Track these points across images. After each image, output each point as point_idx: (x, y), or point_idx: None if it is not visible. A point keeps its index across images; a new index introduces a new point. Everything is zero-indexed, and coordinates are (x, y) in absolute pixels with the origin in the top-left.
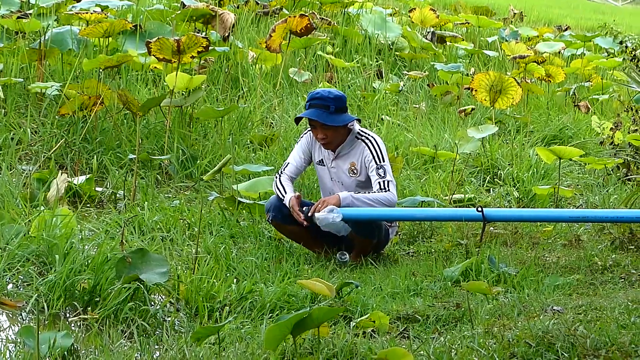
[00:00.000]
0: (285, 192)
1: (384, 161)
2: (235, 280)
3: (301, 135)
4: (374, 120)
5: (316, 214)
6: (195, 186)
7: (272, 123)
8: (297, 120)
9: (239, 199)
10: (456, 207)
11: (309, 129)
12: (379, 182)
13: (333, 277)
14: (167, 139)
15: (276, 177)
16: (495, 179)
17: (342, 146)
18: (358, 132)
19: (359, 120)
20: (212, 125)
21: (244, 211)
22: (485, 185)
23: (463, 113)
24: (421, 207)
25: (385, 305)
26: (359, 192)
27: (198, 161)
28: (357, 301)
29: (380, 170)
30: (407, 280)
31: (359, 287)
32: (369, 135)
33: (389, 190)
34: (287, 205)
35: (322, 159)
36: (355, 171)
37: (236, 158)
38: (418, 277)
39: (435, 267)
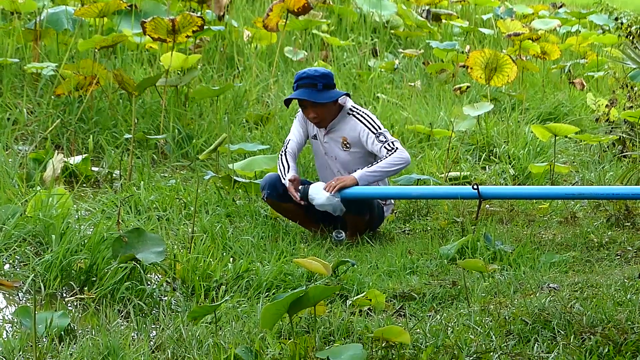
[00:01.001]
0: (287, 172)
1: (380, 129)
2: (231, 259)
3: (298, 112)
4: (369, 98)
5: (314, 196)
6: (191, 165)
7: (267, 102)
8: (287, 102)
9: (234, 178)
10: (452, 185)
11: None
12: (384, 147)
13: (329, 255)
14: (162, 118)
15: (281, 154)
16: (491, 157)
17: (333, 122)
18: (350, 108)
19: (348, 95)
20: (207, 105)
21: (239, 190)
22: (481, 163)
23: (458, 91)
24: (417, 185)
25: (381, 283)
26: (370, 165)
27: (194, 140)
28: (353, 279)
29: (381, 137)
30: (403, 259)
31: (355, 266)
32: (359, 110)
33: (397, 148)
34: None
35: (315, 134)
36: (347, 145)
37: (232, 137)
38: (414, 255)
39: (431, 245)
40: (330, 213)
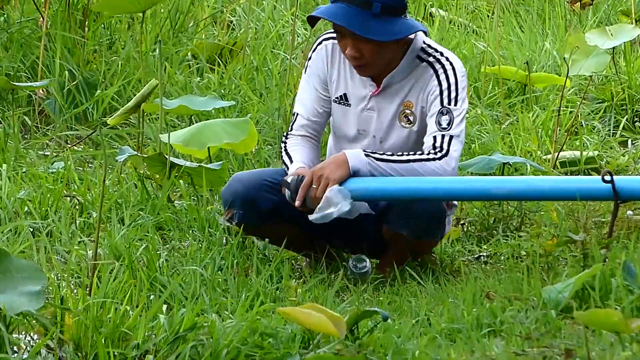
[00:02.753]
0: (291, 163)
1: (455, 103)
2: (165, 306)
3: (310, 58)
4: (417, 16)
5: (310, 216)
6: (93, 136)
7: (232, 23)
8: (312, 21)
9: (171, 159)
10: (564, 174)
11: (323, 36)
12: (434, 137)
13: (343, 301)
14: (42, 51)
15: (282, 144)
16: (638, 124)
17: (394, 73)
18: (421, 49)
19: (425, 33)
20: (123, 27)
21: (180, 182)
22: (619, 135)
23: (577, 4)
24: (502, 174)
25: (437, 352)
26: (388, 154)
27: (98, 91)
28: (386, 346)
29: (445, 117)
30: (476, 307)
31: (388, 320)
32: (442, 54)
33: (446, 154)
34: (289, 185)
35: (345, 94)
36: (410, 117)
37: (167, 86)
38: (496, 302)
39: (527, 283)
40: (344, 220)
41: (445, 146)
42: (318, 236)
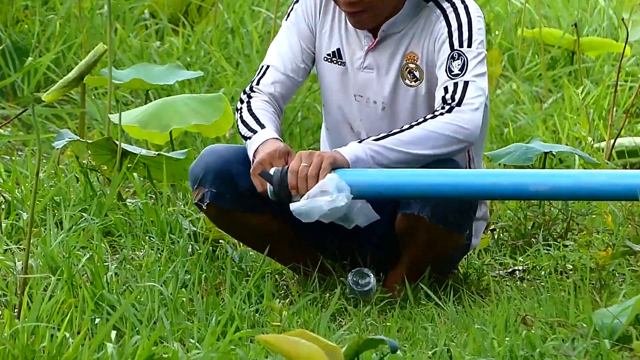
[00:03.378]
0: (261, 129)
1: (469, 44)
2: (115, 333)
3: (293, 7)
4: None
5: (293, 204)
6: (23, 116)
7: None
8: None
9: (123, 145)
10: (624, 167)
11: None
12: (445, 87)
13: (340, 327)
14: None
15: (240, 103)
16: None
17: (393, 19)
18: None
19: None
20: None
21: (134, 175)
22: None
23: None
24: (543, 167)
25: None
26: (388, 134)
27: (30, 59)
28: None
29: (457, 62)
30: (509, 336)
31: (398, 352)
32: None
33: (459, 104)
34: (271, 177)
35: (339, 49)
36: (416, 73)
37: (118, 52)
38: (534, 329)
39: (574, 304)
40: (344, 226)
41: (458, 95)
42: (311, 238)
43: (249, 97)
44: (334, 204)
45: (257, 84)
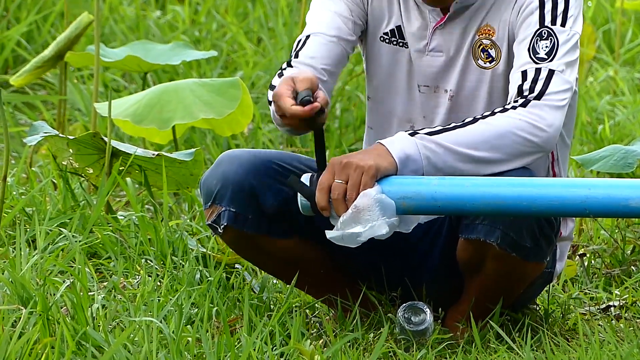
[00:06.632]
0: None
1: (563, 22)
2: None
3: None
4: None
5: (328, 232)
6: None
7: None
8: None
9: (113, 143)
10: None
11: None
12: (523, 72)
13: None
14: None
15: (271, 89)
16: None
17: None
18: None
19: None
20: None
21: (127, 180)
22: None
23: None
24: None
25: None
26: (446, 128)
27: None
28: None
29: (544, 42)
30: None
31: None
32: None
33: (538, 97)
34: (302, 185)
35: (399, 26)
36: (491, 51)
37: (107, 24)
38: None
39: None
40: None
41: (539, 86)
42: (351, 265)
43: (282, 71)
44: (374, 232)
45: (296, 56)
